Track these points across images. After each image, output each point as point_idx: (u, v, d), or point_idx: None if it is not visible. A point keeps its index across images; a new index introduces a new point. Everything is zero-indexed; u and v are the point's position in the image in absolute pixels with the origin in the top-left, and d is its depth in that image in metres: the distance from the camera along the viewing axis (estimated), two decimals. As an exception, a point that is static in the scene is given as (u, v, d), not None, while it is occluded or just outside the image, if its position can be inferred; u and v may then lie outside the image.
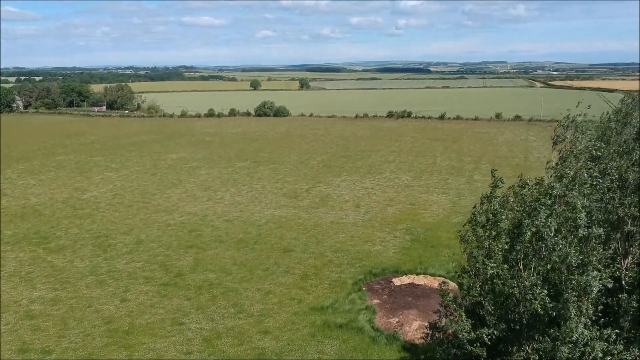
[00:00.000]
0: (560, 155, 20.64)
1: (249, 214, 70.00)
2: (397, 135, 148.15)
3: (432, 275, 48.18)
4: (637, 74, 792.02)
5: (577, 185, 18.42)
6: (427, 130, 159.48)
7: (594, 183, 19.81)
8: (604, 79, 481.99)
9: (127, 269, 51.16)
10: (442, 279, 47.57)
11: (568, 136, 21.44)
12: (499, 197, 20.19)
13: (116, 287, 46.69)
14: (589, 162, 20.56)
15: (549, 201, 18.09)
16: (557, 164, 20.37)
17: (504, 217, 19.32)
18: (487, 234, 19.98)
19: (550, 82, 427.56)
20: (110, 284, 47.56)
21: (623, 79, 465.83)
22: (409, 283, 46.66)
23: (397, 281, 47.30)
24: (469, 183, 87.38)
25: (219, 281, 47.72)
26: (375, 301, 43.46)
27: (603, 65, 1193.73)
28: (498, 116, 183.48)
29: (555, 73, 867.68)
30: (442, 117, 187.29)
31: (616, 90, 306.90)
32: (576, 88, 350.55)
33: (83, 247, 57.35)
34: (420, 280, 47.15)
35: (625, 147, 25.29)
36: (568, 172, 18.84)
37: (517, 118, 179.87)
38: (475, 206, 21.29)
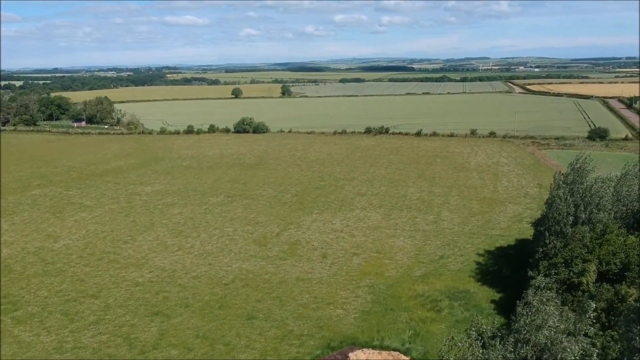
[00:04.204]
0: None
1: (217, 267, 71.52)
2: (372, 157, 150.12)
3: (387, 348, 50.19)
4: (617, 69, 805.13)
5: None
6: (402, 150, 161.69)
7: None
8: (582, 82, 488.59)
9: (92, 343, 52.51)
10: (397, 353, 49.88)
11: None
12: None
13: (80, 369, 48.08)
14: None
15: None
16: None
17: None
18: None
19: (529, 87, 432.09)
20: (74, 364, 48.92)
21: (601, 82, 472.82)
22: (364, 361, 48.60)
23: (352, 356, 49.22)
24: (435, 222, 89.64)
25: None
26: (329, 383, 45.33)
27: (584, 60, 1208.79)
28: (473, 132, 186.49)
29: (537, 70, 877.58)
30: (418, 134, 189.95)
31: (592, 97, 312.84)
32: (554, 94, 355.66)
33: (51, 315, 58.55)
34: (374, 356, 49.09)
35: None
36: None
37: (492, 134, 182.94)
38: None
